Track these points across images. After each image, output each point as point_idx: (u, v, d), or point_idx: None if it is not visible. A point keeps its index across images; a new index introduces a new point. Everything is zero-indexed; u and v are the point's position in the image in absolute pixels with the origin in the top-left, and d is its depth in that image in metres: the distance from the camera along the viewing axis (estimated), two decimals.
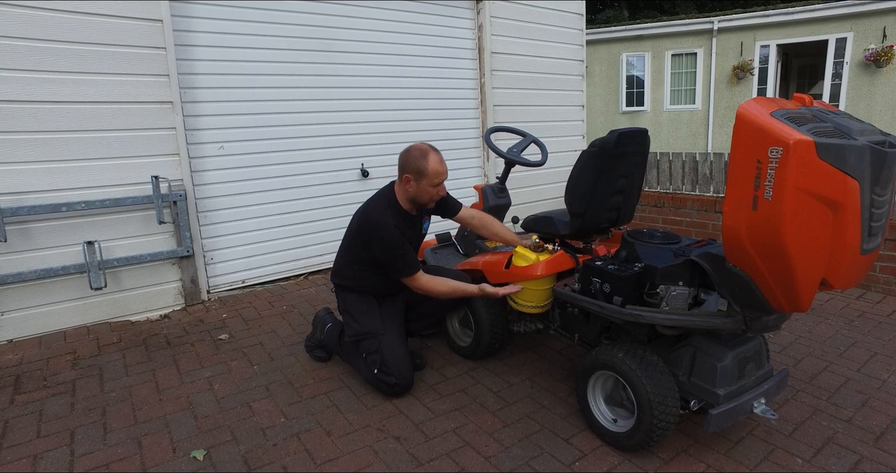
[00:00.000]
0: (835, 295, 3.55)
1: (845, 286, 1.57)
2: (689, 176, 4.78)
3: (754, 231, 1.47)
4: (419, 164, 2.25)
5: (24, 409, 2.32)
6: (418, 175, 2.26)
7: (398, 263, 2.32)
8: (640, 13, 18.80)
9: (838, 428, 2.10)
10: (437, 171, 2.26)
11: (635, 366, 1.85)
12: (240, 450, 2.02)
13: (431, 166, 2.25)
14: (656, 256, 2.00)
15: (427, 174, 2.25)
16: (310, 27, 3.96)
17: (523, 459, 1.95)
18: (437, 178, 2.28)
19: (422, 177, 2.26)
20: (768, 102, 1.52)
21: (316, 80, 4.04)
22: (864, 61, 9.60)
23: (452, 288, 2.37)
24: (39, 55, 2.92)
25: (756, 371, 1.93)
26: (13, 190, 2.92)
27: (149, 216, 3.33)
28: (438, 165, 2.27)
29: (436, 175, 2.27)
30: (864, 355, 2.71)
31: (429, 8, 4.56)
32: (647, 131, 2.39)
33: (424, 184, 2.28)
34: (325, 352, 2.74)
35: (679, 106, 11.78)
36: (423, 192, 2.31)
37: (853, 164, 1.38)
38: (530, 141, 3.03)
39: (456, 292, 2.38)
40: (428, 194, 2.32)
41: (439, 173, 2.27)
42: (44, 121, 2.97)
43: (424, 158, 2.25)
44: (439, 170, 2.27)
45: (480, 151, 5.12)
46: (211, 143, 3.64)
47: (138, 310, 3.39)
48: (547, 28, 5.32)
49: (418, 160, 2.25)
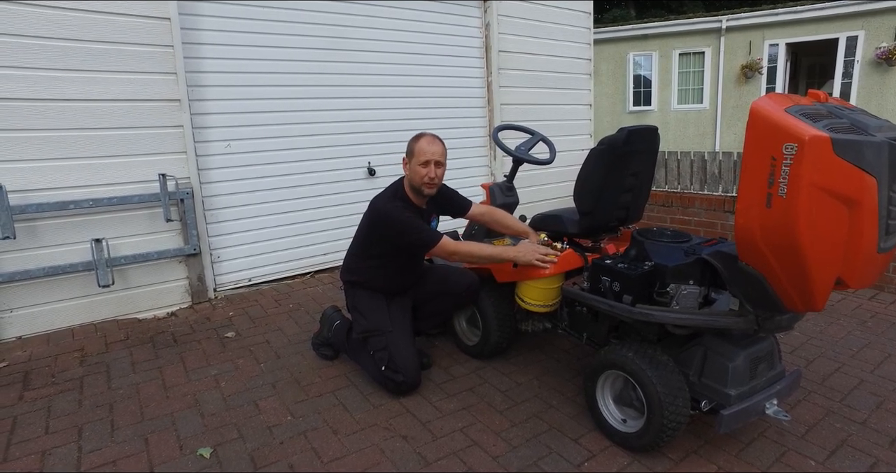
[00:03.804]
0: (847, 295, 3.50)
1: (861, 285, 1.54)
2: (698, 175, 4.74)
3: (768, 229, 1.44)
4: (410, 145, 2.35)
5: (33, 405, 2.33)
6: (409, 155, 2.36)
7: (419, 236, 2.30)
8: (647, 12, 18.71)
9: (852, 431, 2.07)
10: (423, 150, 2.30)
11: (645, 366, 1.82)
12: (246, 448, 2.02)
13: (418, 145, 2.32)
14: (666, 255, 1.98)
15: (415, 153, 2.32)
16: (317, 26, 3.96)
17: (531, 459, 1.93)
18: (422, 156, 2.30)
19: (411, 156, 2.34)
20: (783, 98, 1.49)
21: (323, 79, 4.03)
22: (875, 59, 9.50)
23: (483, 254, 2.31)
24: (48, 53, 2.93)
25: (768, 371, 1.91)
26: (22, 187, 2.93)
27: (156, 214, 3.34)
28: (427, 145, 2.31)
29: (421, 153, 2.30)
30: (877, 356, 2.67)
31: (436, 6, 4.55)
32: (656, 129, 2.37)
33: (414, 163, 2.33)
34: (331, 351, 2.74)
35: (687, 105, 11.70)
36: (415, 173, 2.34)
37: (870, 161, 1.35)
38: (538, 139, 3.01)
39: (486, 258, 2.33)
40: (419, 175, 2.33)
41: (424, 151, 2.30)
42: (52, 118, 2.98)
43: (416, 139, 2.35)
44: (426, 149, 2.30)
45: (488, 150, 5.10)
46: (218, 141, 3.64)
47: (145, 308, 3.39)
48: (554, 27, 5.29)
49: (410, 142, 2.36)
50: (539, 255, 2.24)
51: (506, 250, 2.30)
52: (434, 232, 2.35)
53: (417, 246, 2.35)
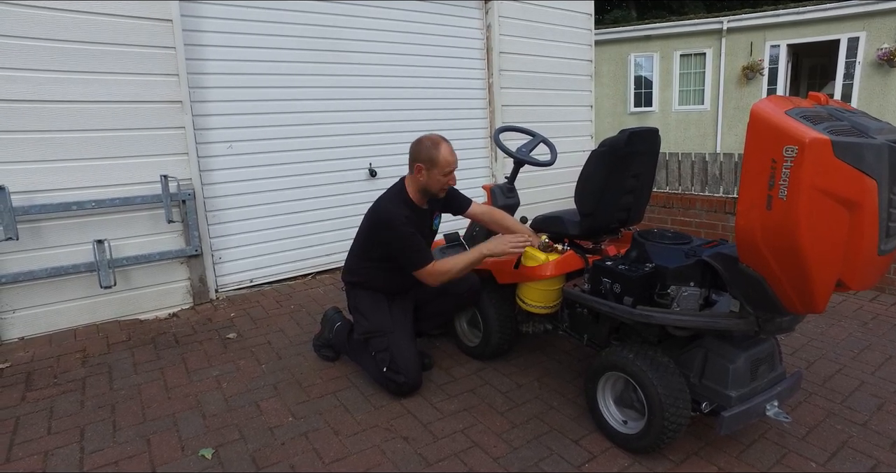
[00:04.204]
0: (848, 297, 3.50)
1: (862, 287, 1.55)
2: (699, 176, 4.74)
3: (768, 231, 1.44)
4: (431, 154, 2.30)
5: (35, 406, 2.34)
6: (430, 164, 2.31)
7: (411, 256, 2.31)
8: (648, 13, 18.71)
9: (853, 432, 2.07)
10: (448, 161, 2.31)
11: (646, 368, 1.83)
12: (248, 449, 2.02)
13: (443, 155, 2.30)
14: (667, 256, 1.98)
15: (439, 163, 2.30)
16: (318, 27, 3.97)
17: (532, 460, 1.94)
18: (447, 167, 2.32)
19: (433, 166, 2.31)
20: (783, 101, 1.49)
21: (324, 80, 4.04)
22: (876, 61, 9.50)
23: (462, 264, 2.30)
24: (50, 55, 2.94)
25: (769, 373, 1.91)
26: (25, 188, 2.94)
27: (158, 215, 3.34)
28: (450, 155, 2.32)
29: (447, 164, 2.31)
30: (878, 358, 2.67)
31: (437, 7, 4.56)
32: (657, 131, 2.37)
33: (436, 173, 2.32)
34: (332, 352, 2.74)
35: (688, 106, 11.70)
36: (434, 181, 2.34)
37: (871, 163, 1.35)
38: (539, 140, 3.02)
39: (466, 266, 2.32)
40: (438, 183, 2.35)
41: (450, 162, 2.32)
42: (54, 120, 2.99)
43: (436, 148, 2.31)
44: (450, 159, 2.32)
45: (489, 151, 5.10)
46: (219, 143, 3.65)
47: (147, 309, 3.40)
48: (555, 28, 5.30)
49: (430, 150, 2.31)
50: (510, 242, 2.25)
51: (477, 250, 2.31)
52: (424, 256, 2.31)
53: (407, 265, 2.33)
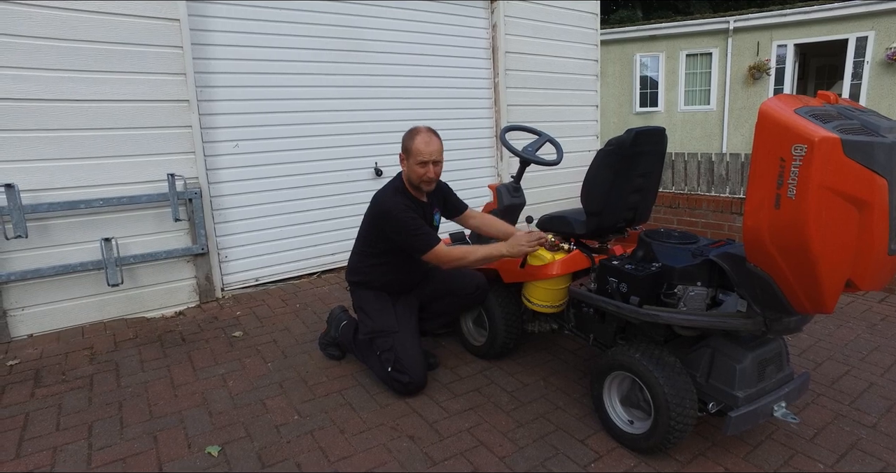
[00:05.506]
0: (856, 298, 3.47)
1: (872, 287, 1.53)
2: (705, 176, 4.72)
3: (777, 230, 1.44)
4: (407, 143, 2.33)
5: (44, 403, 2.36)
6: (407, 153, 2.34)
7: (416, 239, 2.30)
8: (654, 13, 18.62)
9: (862, 434, 2.05)
10: (420, 150, 2.29)
11: (652, 367, 1.82)
12: (254, 447, 2.03)
13: (416, 145, 2.29)
14: (674, 256, 1.97)
15: (412, 152, 2.31)
16: (324, 26, 3.98)
17: (538, 460, 1.93)
18: (419, 157, 2.29)
19: (409, 155, 2.33)
20: (792, 99, 1.48)
21: (330, 79, 4.05)
22: (885, 60, 9.42)
23: (480, 255, 2.29)
24: (59, 54, 2.96)
25: (776, 373, 1.90)
26: (33, 187, 2.96)
27: (164, 213, 3.36)
28: (424, 145, 2.29)
29: (418, 153, 2.29)
30: (887, 360, 2.65)
31: (443, 7, 4.56)
32: (664, 130, 2.36)
33: (411, 162, 2.32)
34: (338, 350, 2.74)
35: (693, 107, 11.65)
36: (412, 171, 2.34)
37: (881, 162, 1.34)
38: (545, 140, 3.01)
39: (482, 258, 2.30)
40: (416, 174, 2.33)
41: (422, 152, 2.29)
42: (63, 119, 3.02)
43: (412, 138, 2.32)
44: (422, 149, 2.28)
45: (494, 151, 5.10)
46: (226, 142, 3.66)
47: (154, 307, 3.42)
48: (561, 28, 5.29)
49: (407, 139, 2.33)
50: (526, 242, 2.25)
51: (496, 247, 2.30)
52: (430, 238, 2.30)
53: (413, 249, 2.33)
